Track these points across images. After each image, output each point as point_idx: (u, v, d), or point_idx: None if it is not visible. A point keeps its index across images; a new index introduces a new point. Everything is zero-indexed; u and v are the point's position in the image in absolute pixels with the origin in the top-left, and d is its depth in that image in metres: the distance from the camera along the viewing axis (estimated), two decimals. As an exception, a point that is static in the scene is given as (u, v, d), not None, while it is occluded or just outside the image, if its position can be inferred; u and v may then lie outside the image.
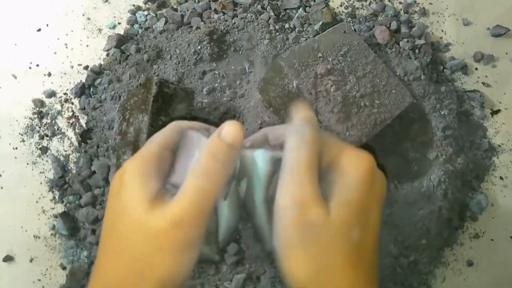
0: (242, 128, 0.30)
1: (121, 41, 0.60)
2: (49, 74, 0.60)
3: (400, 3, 0.64)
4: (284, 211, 0.29)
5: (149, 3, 0.64)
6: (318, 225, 0.28)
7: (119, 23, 0.63)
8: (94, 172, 0.55)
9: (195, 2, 0.62)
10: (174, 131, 0.35)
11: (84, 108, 0.59)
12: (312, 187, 0.29)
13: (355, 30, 0.58)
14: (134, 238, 0.29)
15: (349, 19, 0.62)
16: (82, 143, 0.57)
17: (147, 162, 0.31)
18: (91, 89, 0.59)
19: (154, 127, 0.46)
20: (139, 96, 0.48)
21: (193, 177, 0.29)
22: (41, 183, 0.56)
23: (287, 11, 0.61)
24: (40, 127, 0.58)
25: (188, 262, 0.29)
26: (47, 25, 0.62)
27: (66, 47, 0.62)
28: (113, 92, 0.57)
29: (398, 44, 0.59)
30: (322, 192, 0.30)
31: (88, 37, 0.62)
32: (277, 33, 0.58)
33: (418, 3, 0.64)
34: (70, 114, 0.59)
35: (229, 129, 0.29)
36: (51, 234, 0.55)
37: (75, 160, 0.57)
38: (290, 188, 0.29)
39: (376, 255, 0.31)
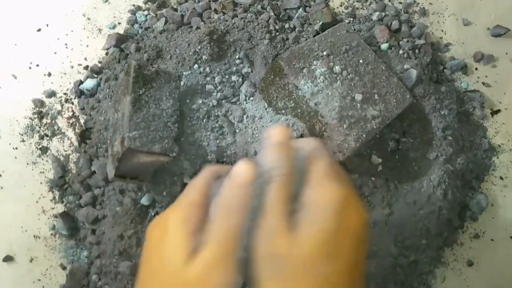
0: (252, 166, 0.31)
1: (120, 40, 0.60)
2: (49, 74, 0.60)
3: (400, 3, 0.64)
4: (256, 243, 0.30)
5: (149, 3, 0.64)
6: (284, 256, 0.28)
7: (119, 23, 0.63)
8: (94, 172, 0.55)
9: (195, 2, 0.62)
10: (210, 177, 0.35)
11: (84, 108, 0.59)
12: (279, 218, 0.30)
13: (355, 30, 0.58)
14: None
15: (349, 19, 0.62)
16: (82, 143, 0.57)
17: (190, 212, 0.31)
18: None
19: (137, 106, 0.47)
20: (124, 83, 0.48)
21: (215, 221, 0.30)
22: (41, 183, 0.56)
23: (287, 11, 0.61)
24: (40, 127, 0.58)
25: None
26: (47, 25, 0.62)
27: (66, 47, 0.62)
28: (108, 90, 0.57)
29: (398, 44, 0.59)
30: (293, 225, 0.30)
31: (88, 37, 0.62)
32: (277, 33, 0.58)
33: (418, 3, 0.64)
34: (70, 114, 0.59)
35: (238, 170, 0.31)
36: (51, 234, 0.55)
37: (75, 160, 0.57)
38: (261, 221, 0.30)
39: None
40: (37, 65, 0.61)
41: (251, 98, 0.55)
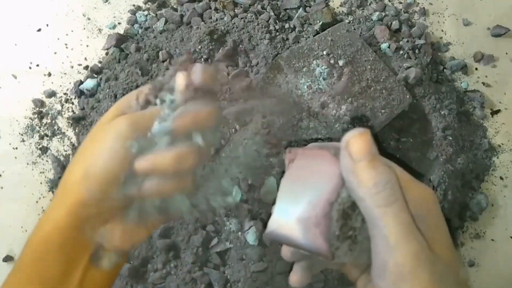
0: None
1: (120, 40, 0.60)
2: (49, 74, 0.60)
3: (400, 3, 0.64)
4: (410, 270, 0.27)
5: (149, 3, 0.64)
6: (445, 273, 0.28)
7: (119, 23, 0.63)
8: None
9: (195, 2, 0.62)
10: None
11: (84, 108, 0.59)
12: (420, 247, 0.28)
13: (355, 30, 0.58)
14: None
15: (349, 19, 0.62)
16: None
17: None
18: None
19: None
20: None
21: None
22: (41, 183, 0.56)
23: (287, 11, 0.61)
24: (40, 127, 0.58)
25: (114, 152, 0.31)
26: (47, 25, 0.62)
27: (66, 47, 0.62)
28: (108, 90, 0.57)
29: (398, 44, 0.59)
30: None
31: (88, 37, 0.62)
32: (277, 33, 0.58)
33: (418, 3, 0.64)
34: (70, 114, 0.59)
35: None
36: (51, 234, 0.55)
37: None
38: (408, 245, 0.27)
39: None
40: (37, 65, 0.61)
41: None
